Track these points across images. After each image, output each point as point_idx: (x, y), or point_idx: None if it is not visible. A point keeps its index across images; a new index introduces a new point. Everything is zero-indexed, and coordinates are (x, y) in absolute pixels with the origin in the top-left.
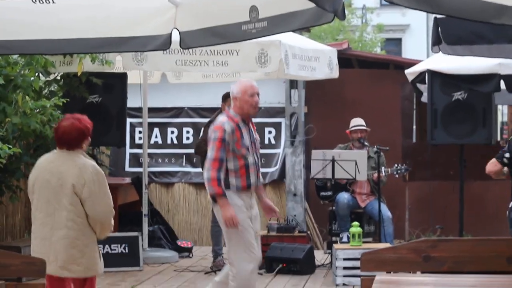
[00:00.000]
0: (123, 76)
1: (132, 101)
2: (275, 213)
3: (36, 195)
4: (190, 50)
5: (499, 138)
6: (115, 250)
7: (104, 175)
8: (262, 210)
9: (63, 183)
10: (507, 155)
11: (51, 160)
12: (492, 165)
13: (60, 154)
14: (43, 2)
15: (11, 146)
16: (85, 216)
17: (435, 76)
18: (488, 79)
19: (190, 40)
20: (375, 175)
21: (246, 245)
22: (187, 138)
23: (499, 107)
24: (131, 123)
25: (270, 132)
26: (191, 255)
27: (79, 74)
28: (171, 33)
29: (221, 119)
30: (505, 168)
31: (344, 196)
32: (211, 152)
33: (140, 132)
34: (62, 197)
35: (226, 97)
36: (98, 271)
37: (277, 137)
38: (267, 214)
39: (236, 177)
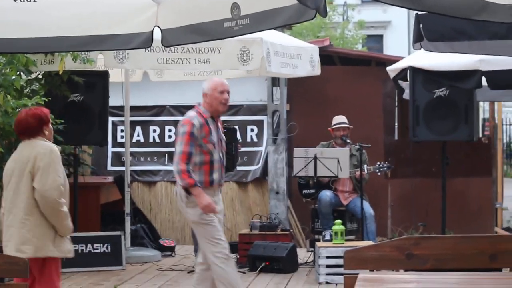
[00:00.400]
0: (104, 75)
1: (114, 100)
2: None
3: (4, 186)
4: (172, 48)
5: (481, 135)
6: (97, 249)
7: (59, 154)
8: None
9: (23, 169)
10: None
11: (15, 151)
12: None
13: (23, 144)
14: (24, 1)
15: None
16: (34, 197)
17: (416, 72)
18: (470, 76)
19: (171, 38)
20: (358, 173)
21: (212, 239)
22: (169, 137)
23: (481, 103)
24: (113, 122)
25: (252, 130)
26: (173, 254)
27: (60, 73)
28: (152, 31)
29: (190, 114)
30: None
31: (326, 194)
32: (179, 146)
33: (122, 130)
34: (22, 182)
35: None
36: (48, 253)
37: (259, 135)
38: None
39: (199, 172)
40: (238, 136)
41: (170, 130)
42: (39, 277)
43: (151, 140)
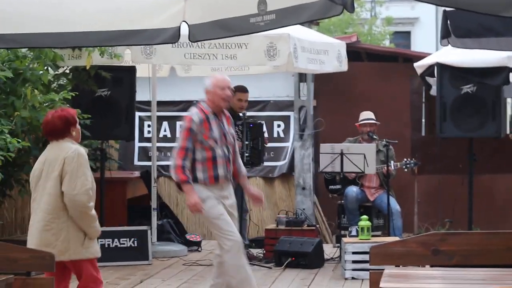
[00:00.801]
0: (132, 70)
1: (141, 95)
2: (261, 201)
3: (33, 188)
4: (199, 43)
5: (508, 132)
6: (124, 244)
7: (86, 158)
8: (250, 200)
9: (50, 171)
10: None
11: (43, 152)
12: None
13: (51, 145)
14: None
15: (20, 140)
16: (62, 200)
17: (444, 69)
18: (497, 72)
19: (198, 33)
20: (385, 169)
21: (222, 232)
22: None
23: (508, 100)
24: (140, 117)
25: (279, 126)
26: (200, 249)
27: (88, 68)
28: (179, 26)
29: (192, 110)
30: None
31: (352, 190)
32: (179, 142)
33: (149, 125)
34: (47, 184)
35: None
36: (72, 256)
37: (286, 130)
38: (254, 203)
39: (203, 168)
40: (265, 131)
41: None
42: (81, 278)
43: (178, 135)
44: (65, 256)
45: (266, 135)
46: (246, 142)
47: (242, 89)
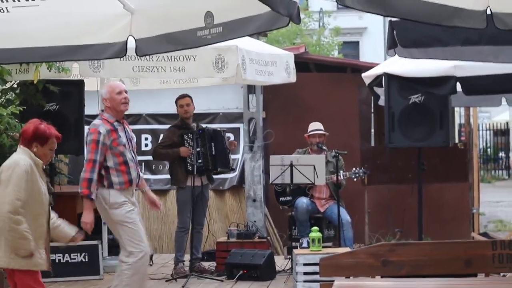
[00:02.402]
0: (80, 84)
1: (90, 108)
2: (158, 207)
3: None
4: (147, 56)
5: (457, 140)
6: (74, 259)
7: (22, 170)
8: (148, 204)
9: None
10: None
11: None
12: None
13: None
14: None
15: None
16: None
17: (391, 79)
18: (445, 82)
19: (146, 47)
20: (334, 178)
21: (132, 239)
22: (146, 145)
23: (456, 109)
24: None
25: (228, 138)
26: (151, 263)
27: (35, 82)
28: (127, 41)
29: (96, 122)
30: None
31: (303, 201)
32: (86, 154)
33: None
34: None
35: (176, 100)
36: (11, 265)
37: (236, 142)
38: (152, 207)
39: (117, 173)
40: (229, 136)
41: (146, 139)
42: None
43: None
44: (3, 262)
45: (231, 139)
46: (198, 149)
47: (180, 96)
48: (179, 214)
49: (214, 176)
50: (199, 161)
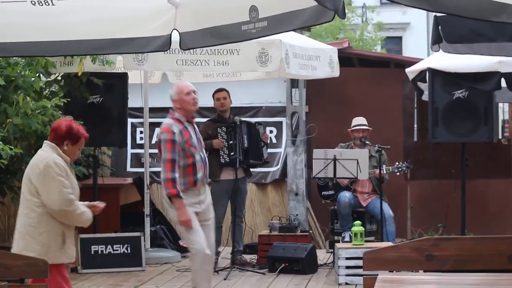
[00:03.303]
0: (124, 76)
1: (133, 101)
2: None
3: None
4: (191, 50)
5: (500, 136)
6: (117, 250)
7: (51, 166)
8: None
9: (28, 176)
10: None
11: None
12: None
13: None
14: (42, 4)
15: (12, 147)
16: (43, 205)
17: (435, 74)
18: (489, 77)
19: (190, 41)
20: (377, 172)
21: (188, 239)
22: None
23: (500, 105)
24: (132, 123)
25: (271, 132)
26: None
27: (79, 74)
28: (171, 34)
29: (168, 121)
30: None
31: (345, 195)
32: (164, 154)
33: (141, 132)
34: (24, 189)
35: (213, 94)
36: (51, 260)
37: (278, 136)
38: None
39: (184, 174)
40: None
41: None
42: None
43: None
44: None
45: (261, 131)
46: (230, 142)
47: (217, 90)
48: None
49: (256, 170)
50: (232, 153)
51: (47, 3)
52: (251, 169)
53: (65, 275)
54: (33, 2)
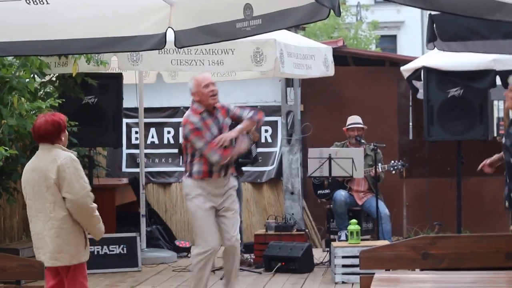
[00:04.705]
0: (118, 77)
1: (128, 102)
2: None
3: (26, 195)
4: (186, 49)
5: (495, 134)
6: (113, 251)
7: (79, 162)
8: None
9: (44, 178)
10: None
11: (33, 159)
12: None
13: (40, 150)
14: (37, 3)
15: (7, 148)
16: (65, 206)
17: (430, 72)
18: (484, 75)
19: (184, 39)
20: (372, 171)
21: (197, 231)
22: None
23: (495, 102)
24: (127, 124)
25: (266, 131)
26: (189, 255)
27: (74, 75)
28: (165, 32)
29: (187, 113)
30: None
31: (341, 194)
32: (197, 143)
33: (136, 132)
34: (45, 191)
35: None
36: (81, 259)
37: (274, 135)
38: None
39: (199, 162)
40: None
41: None
42: (70, 281)
43: (165, 141)
44: (76, 259)
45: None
46: None
47: None
48: None
49: (251, 169)
50: None
51: (41, 2)
52: (243, 168)
53: (86, 274)
54: (27, 1)
